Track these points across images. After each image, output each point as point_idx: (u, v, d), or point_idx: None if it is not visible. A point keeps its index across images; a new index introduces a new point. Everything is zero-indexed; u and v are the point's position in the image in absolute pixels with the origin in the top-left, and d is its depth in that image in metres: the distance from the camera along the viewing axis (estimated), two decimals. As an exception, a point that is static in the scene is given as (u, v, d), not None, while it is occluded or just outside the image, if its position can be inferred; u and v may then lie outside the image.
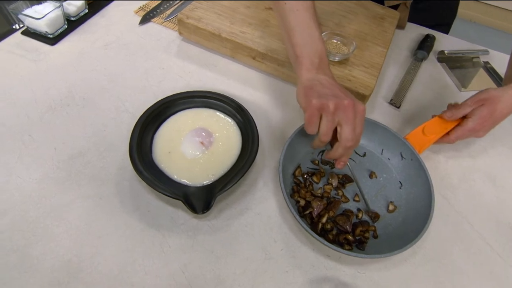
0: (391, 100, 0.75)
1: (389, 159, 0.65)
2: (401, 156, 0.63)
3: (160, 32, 0.83)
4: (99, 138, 0.63)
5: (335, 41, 0.75)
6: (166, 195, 0.52)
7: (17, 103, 0.66)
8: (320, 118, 0.50)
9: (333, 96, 0.50)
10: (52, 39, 0.76)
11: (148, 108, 0.62)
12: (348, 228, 0.54)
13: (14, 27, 0.79)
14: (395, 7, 0.89)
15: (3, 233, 0.52)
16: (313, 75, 0.54)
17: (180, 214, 0.55)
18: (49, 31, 0.75)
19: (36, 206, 0.54)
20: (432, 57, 0.88)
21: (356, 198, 0.59)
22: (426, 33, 0.91)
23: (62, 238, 0.52)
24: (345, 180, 0.60)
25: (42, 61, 0.73)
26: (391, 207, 0.59)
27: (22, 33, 0.77)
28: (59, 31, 0.77)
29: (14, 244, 0.51)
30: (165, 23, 0.85)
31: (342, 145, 0.51)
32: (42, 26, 0.73)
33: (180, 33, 0.79)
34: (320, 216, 0.55)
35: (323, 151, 0.64)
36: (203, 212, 0.51)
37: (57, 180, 0.57)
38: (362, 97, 0.68)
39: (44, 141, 0.61)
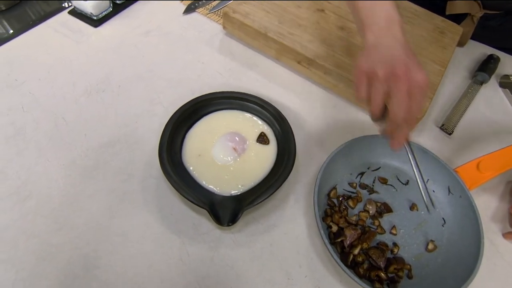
0: (442, 125, 0.68)
1: (434, 191, 0.59)
2: (449, 190, 0.57)
3: (204, 23, 0.80)
4: (130, 129, 0.61)
5: (389, 54, 0.69)
6: (192, 202, 0.49)
7: (55, 83, 0.66)
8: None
9: (387, 62, 0.44)
10: (96, 21, 0.74)
11: (183, 105, 0.59)
12: (382, 264, 0.49)
13: (63, 5, 0.79)
14: (457, 20, 0.81)
15: (26, 216, 0.51)
16: (377, 39, 0.47)
17: (203, 222, 0.52)
18: (94, 12, 0.73)
19: (61, 193, 0.53)
20: (494, 81, 0.79)
21: (393, 231, 0.54)
22: (490, 53, 0.83)
23: (82, 230, 0.50)
24: (383, 209, 0.55)
25: (84, 43, 0.72)
26: (430, 246, 0.53)
27: (69, 12, 0.76)
28: (103, 13, 0.75)
29: (36, 229, 0.50)
30: (209, 14, 0.81)
31: (391, 120, 0.45)
32: (88, 7, 0.72)
33: (224, 27, 0.76)
34: (352, 246, 0.50)
35: (362, 174, 0.59)
36: (228, 225, 0.48)
37: (84, 168, 0.56)
38: (413, 120, 0.62)
39: (76, 126, 0.60)
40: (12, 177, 0.54)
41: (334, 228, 0.52)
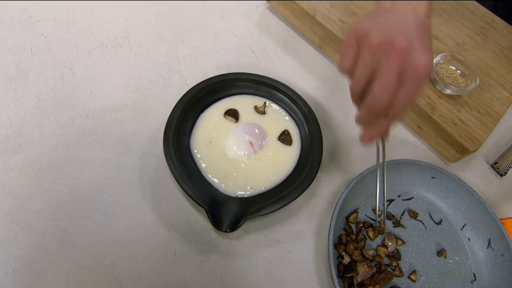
0: (495, 163, 0.58)
1: (469, 239, 0.50)
2: (489, 243, 0.48)
3: (246, -9, 0.70)
4: (140, 97, 0.54)
5: (453, 67, 0.58)
6: (191, 198, 0.42)
7: (71, 28, 0.59)
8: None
9: (387, 29, 0.33)
10: (128, -34, 0.66)
11: (204, 80, 0.52)
12: (392, 314, 0.42)
13: None
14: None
15: (9, 172, 0.46)
16: (392, 6, 0.36)
17: (199, 220, 0.46)
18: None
19: (52, 153, 0.48)
20: None
21: (413, 277, 0.46)
22: None
23: (65, 200, 0.45)
24: (394, 254, 0.47)
25: (110, -12, 0.64)
26: (452, 303, 0.45)
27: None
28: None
29: (16, 189, 0.45)
30: (255, -18, 0.72)
31: (367, 105, 0.34)
32: None
33: (268, 0, 0.66)
34: (362, 285, 0.43)
35: (391, 201, 0.51)
36: (226, 231, 0.41)
37: (82, 130, 0.50)
38: (464, 151, 0.53)
39: (83, 81, 0.54)
40: (3, 124, 0.49)
41: (346, 260, 0.44)
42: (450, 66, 0.58)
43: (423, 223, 0.50)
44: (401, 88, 0.32)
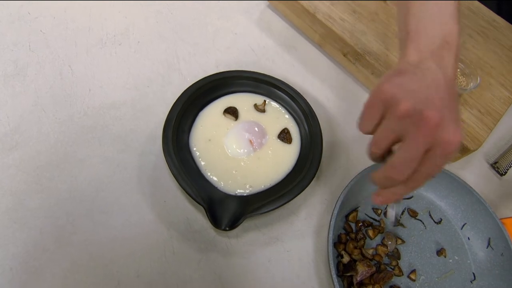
0: (495, 162, 0.58)
1: (469, 238, 0.50)
2: (488, 243, 0.48)
3: (246, -11, 0.70)
4: (139, 94, 0.54)
5: (454, 66, 0.58)
6: (190, 196, 0.42)
7: (70, 25, 0.59)
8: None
9: (419, 97, 0.31)
10: (127, -37, 0.66)
11: (204, 78, 0.51)
12: (392, 313, 0.42)
13: None
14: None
15: (7, 169, 0.46)
16: (420, 59, 0.34)
17: (198, 218, 0.46)
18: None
19: (50, 150, 0.47)
20: None
21: (412, 276, 0.46)
22: None
23: (63, 198, 0.45)
24: (394, 253, 0.47)
25: (109, -15, 0.64)
26: (452, 302, 0.45)
27: None
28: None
29: (14, 186, 0.45)
30: (255, -20, 0.71)
31: (385, 172, 0.32)
32: None
33: (268, -2, 0.66)
34: (362, 284, 0.43)
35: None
36: (225, 230, 0.41)
37: (81, 127, 0.50)
38: (464, 150, 0.53)
39: (81, 78, 0.54)
40: (0, 121, 0.49)
41: (346, 259, 0.44)
42: (451, 65, 0.57)
43: (423, 223, 0.50)
44: (425, 161, 0.31)
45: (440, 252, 0.48)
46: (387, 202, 0.36)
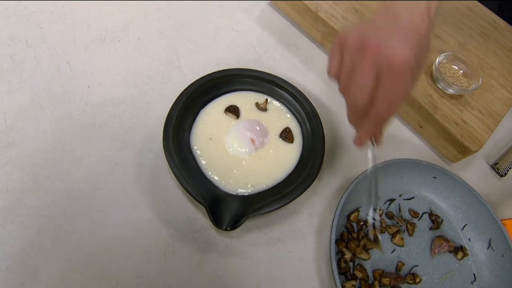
0: (495, 163, 0.58)
1: (469, 239, 0.50)
2: (489, 244, 0.48)
3: (247, -13, 0.69)
4: (139, 92, 0.53)
5: (455, 67, 0.58)
6: (191, 195, 0.41)
7: (68, 20, 0.58)
8: None
9: (365, 32, 0.32)
10: (127, -42, 0.65)
11: (205, 76, 0.51)
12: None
13: None
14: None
15: (3, 167, 0.45)
16: (391, 4, 0.35)
17: (199, 217, 0.45)
18: None
19: (47, 148, 0.46)
20: None
21: (415, 278, 0.46)
22: None
23: (61, 196, 0.44)
24: None
25: (108, -20, 0.63)
26: (452, 303, 0.45)
27: None
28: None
29: (11, 184, 0.44)
30: (256, -22, 0.71)
31: (347, 102, 0.35)
32: None
33: (269, -3, 0.65)
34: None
35: (392, 201, 0.51)
36: (227, 230, 0.40)
37: (79, 125, 0.49)
38: (465, 151, 0.53)
39: (80, 75, 0.53)
40: (-4, 117, 0.47)
41: (348, 256, 0.44)
42: (453, 66, 0.57)
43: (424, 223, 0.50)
44: (379, 85, 0.32)
45: (441, 253, 0.48)
46: (363, 140, 0.37)
